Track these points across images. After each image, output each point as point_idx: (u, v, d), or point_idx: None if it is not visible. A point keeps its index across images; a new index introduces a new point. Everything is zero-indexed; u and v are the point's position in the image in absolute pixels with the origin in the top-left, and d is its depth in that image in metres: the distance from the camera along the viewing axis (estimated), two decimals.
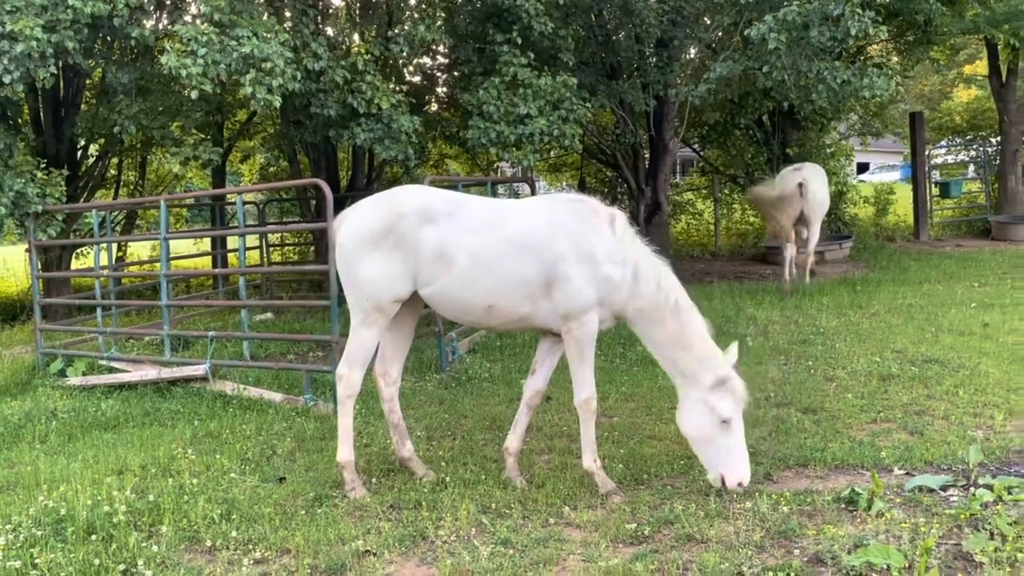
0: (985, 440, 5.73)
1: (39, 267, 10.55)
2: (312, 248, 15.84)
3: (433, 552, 4.57)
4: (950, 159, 23.19)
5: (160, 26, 9.81)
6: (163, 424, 7.75)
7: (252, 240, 15.16)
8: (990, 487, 4.67)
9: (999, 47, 19.41)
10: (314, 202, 15.40)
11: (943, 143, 23.31)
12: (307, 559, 4.50)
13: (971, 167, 23.03)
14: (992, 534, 4.14)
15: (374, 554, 4.55)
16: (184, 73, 8.76)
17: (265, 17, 10.02)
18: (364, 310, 5.45)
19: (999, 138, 20.58)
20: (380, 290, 5.37)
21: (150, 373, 8.98)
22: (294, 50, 10.06)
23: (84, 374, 9.59)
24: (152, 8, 9.56)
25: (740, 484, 4.94)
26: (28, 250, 10.50)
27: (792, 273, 13.80)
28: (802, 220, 13.99)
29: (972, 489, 4.77)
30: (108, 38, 10.32)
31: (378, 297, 5.39)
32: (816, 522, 4.56)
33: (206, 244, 16.94)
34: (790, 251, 13.79)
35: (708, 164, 21.31)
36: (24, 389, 9.59)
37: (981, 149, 22.00)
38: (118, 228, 15.81)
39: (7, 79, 8.85)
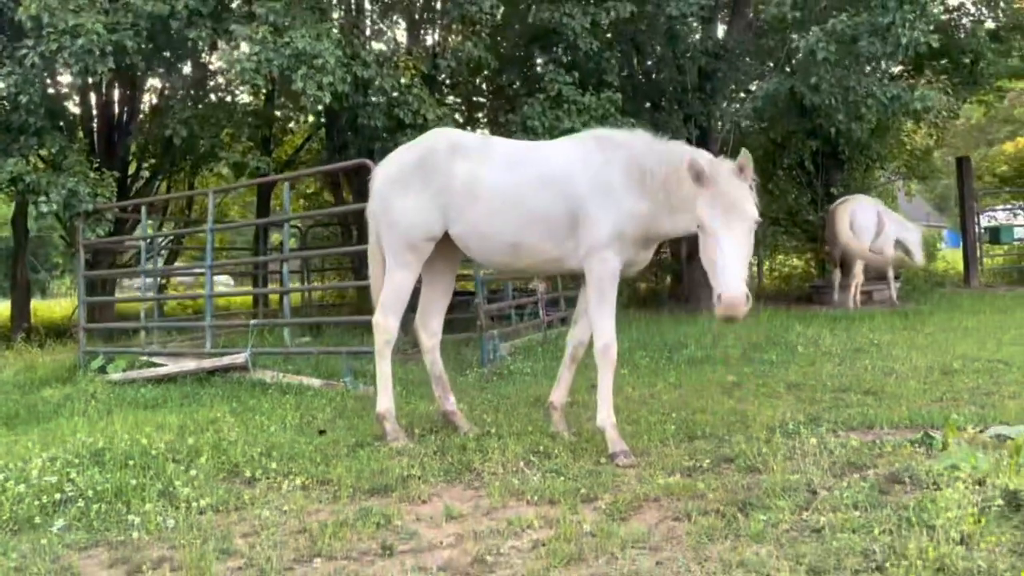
0: None
1: (84, 267, 10.60)
2: (352, 274, 15.88)
3: (480, 479, 4.35)
4: (999, 208, 22.76)
5: (216, 29, 10.04)
6: (202, 404, 7.65)
7: (294, 266, 15.25)
8: None
9: None
10: (355, 229, 15.48)
11: (990, 190, 22.92)
12: (349, 480, 4.31)
13: (1020, 215, 22.57)
14: None
15: (418, 477, 4.35)
16: (238, 68, 8.93)
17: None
18: (398, 250, 5.41)
19: None
20: (412, 226, 5.32)
21: (190, 365, 8.92)
22: (345, 56, 10.24)
23: (124, 371, 9.56)
24: (208, 12, 9.80)
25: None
26: (76, 250, 10.61)
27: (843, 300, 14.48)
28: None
29: None
30: (165, 42, 10.57)
31: (410, 234, 5.34)
32: (889, 459, 4.27)
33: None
34: (837, 277, 14.65)
35: None
36: (65, 383, 9.58)
37: None
38: (164, 253, 16.00)
39: (67, 72, 9.09)
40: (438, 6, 13.97)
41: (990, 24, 16.80)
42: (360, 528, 3.72)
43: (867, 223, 14.18)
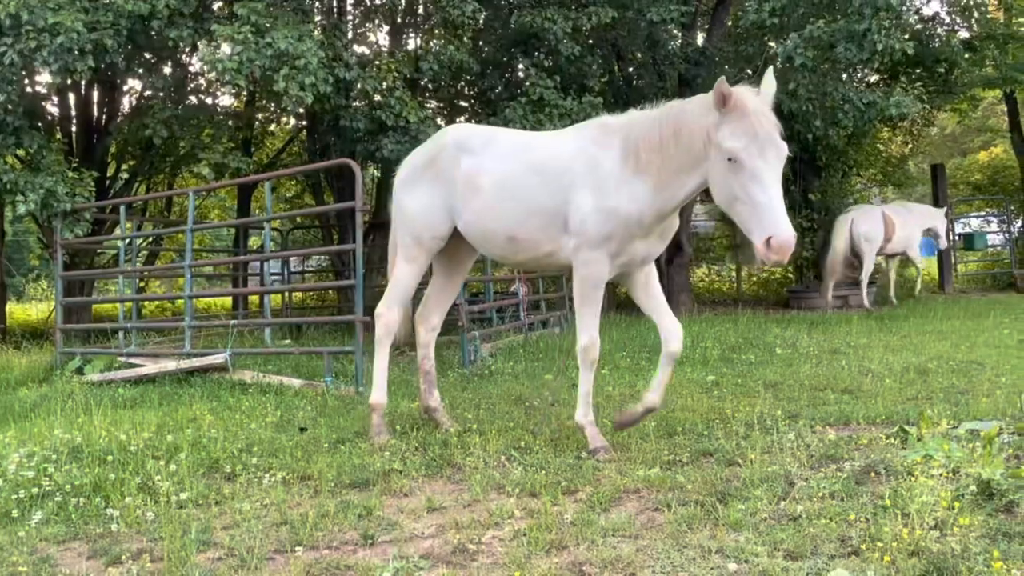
0: None
1: (62, 267, 10.49)
2: (332, 276, 15.84)
3: (462, 473, 4.37)
4: (973, 215, 23.08)
5: (197, 29, 10.01)
6: (181, 403, 7.60)
7: (274, 268, 15.18)
8: None
9: (1019, 101, 19.52)
10: (336, 232, 15.46)
11: (965, 198, 23.29)
12: (330, 474, 4.32)
13: (993, 222, 22.91)
14: None
15: (400, 472, 4.36)
16: (220, 67, 8.91)
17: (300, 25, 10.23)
18: (406, 245, 5.45)
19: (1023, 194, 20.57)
20: (420, 223, 5.34)
21: (169, 365, 8.86)
22: (327, 58, 10.24)
23: (102, 371, 9.48)
24: (189, 12, 9.76)
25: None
26: (53, 250, 10.52)
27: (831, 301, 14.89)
28: (856, 256, 14.65)
29: None
30: (145, 42, 10.51)
31: (419, 231, 5.36)
32: (865, 452, 4.33)
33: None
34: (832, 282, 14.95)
35: None
36: (41, 383, 9.48)
37: (1004, 206, 21.92)
38: (144, 253, 15.85)
39: (46, 71, 9.02)
40: (420, 10, 14.02)
41: (964, 34, 17.08)
42: (341, 519, 3.73)
43: (872, 232, 14.42)
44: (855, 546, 3.02)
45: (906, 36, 10.09)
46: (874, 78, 14.45)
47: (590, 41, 13.33)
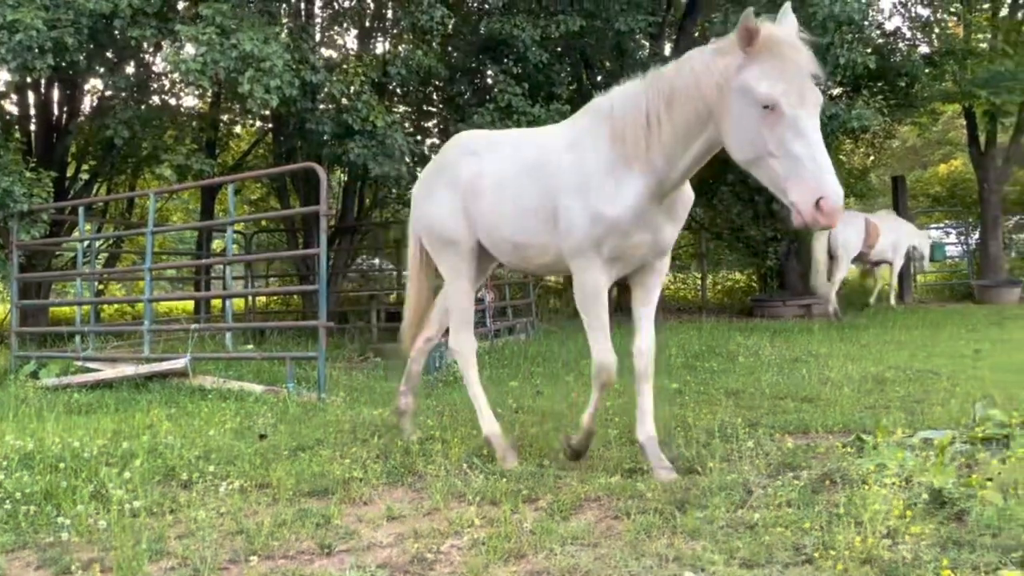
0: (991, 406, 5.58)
1: (18, 269, 10.28)
2: (297, 280, 15.68)
3: (423, 481, 4.34)
4: (933, 227, 23.55)
5: (161, 29, 9.87)
6: (138, 409, 7.47)
7: (238, 271, 15.02)
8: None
9: (977, 116, 19.93)
10: (301, 236, 15.34)
11: (925, 209, 23.77)
12: (289, 482, 4.27)
13: (952, 234, 23.39)
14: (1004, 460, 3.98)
15: (360, 480, 4.32)
16: (184, 68, 8.80)
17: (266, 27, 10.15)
18: (443, 259, 5.12)
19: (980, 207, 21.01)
20: (443, 230, 5.05)
21: (127, 370, 8.71)
22: (294, 61, 10.17)
23: (58, 376, 9.29)
24: (153, 12, 9.63)
25: None
26: (9, 252, 10.29)
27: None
28: (832, 258, 14.84)
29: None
30: (107, 41, 10.35)
31: (447, 239, 5.04)
32: (822, 460, 4.38)
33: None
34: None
35: (694, 221, 21.49)
36: None
37: (962, 218, 22.40)
38: (103, 255, 15.58)
39: (4, 69, 8.86)
40: (389, 15, 13.99)
41: (925, 49, 17.44)
42: (298, 528, 3.68)
43: (851, 239, 14.62)
44: (809, 554, 3.05)
45: (868, 50, 10.27)
46: (836, 91, 14.72)
47: (558, 49, 13.39)
